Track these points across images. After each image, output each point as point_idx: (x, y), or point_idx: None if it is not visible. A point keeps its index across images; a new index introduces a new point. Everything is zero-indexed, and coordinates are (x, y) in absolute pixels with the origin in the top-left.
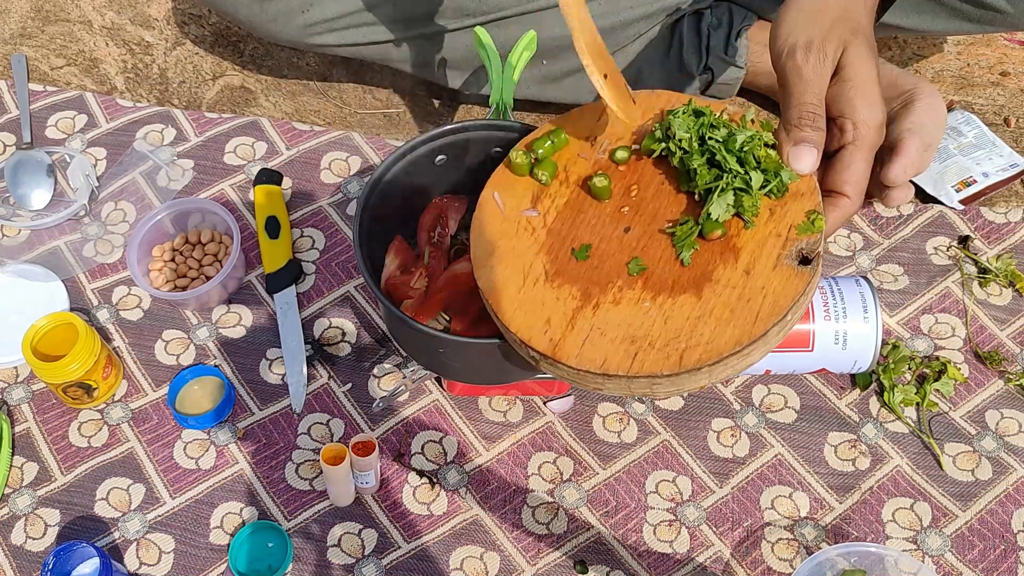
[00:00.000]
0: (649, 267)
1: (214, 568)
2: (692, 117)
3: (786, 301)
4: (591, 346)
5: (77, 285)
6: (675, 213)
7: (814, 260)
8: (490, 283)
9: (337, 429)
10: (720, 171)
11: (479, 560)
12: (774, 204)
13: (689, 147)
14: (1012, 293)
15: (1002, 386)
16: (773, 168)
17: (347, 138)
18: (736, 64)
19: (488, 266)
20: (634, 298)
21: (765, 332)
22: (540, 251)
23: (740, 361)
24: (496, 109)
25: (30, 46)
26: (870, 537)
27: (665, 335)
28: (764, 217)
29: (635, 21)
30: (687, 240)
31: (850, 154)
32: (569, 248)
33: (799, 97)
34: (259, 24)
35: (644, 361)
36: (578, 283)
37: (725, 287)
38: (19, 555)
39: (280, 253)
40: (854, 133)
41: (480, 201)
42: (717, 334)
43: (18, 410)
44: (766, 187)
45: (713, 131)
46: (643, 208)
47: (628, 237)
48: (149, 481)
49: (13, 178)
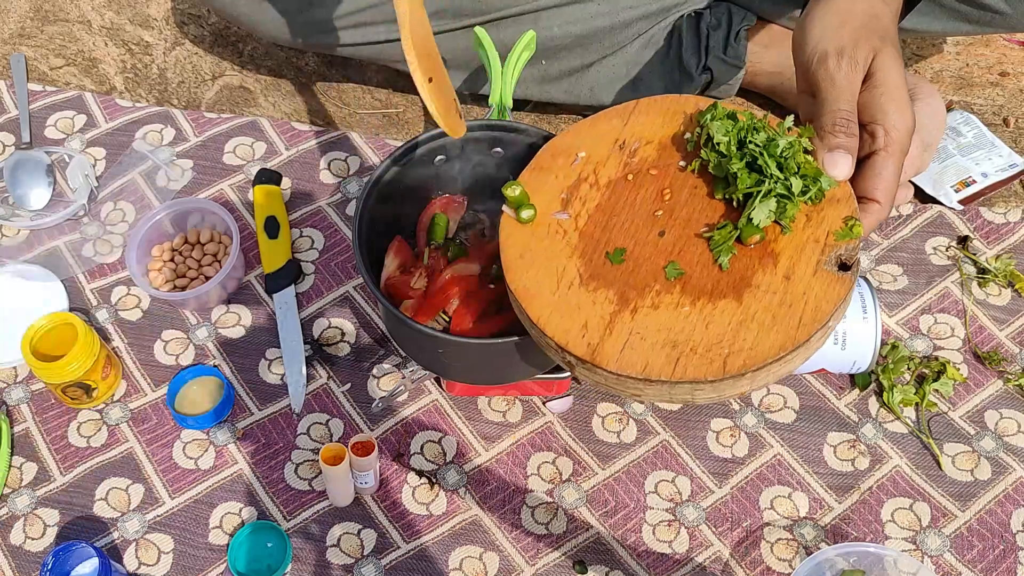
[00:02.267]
0: (687, 271)
1: (213, 568)
2: (728, 121)
3: (828, 306)
4: (631, 351)
5: (76, 285)
6: (710, 218)
7: (853, 266)
8: (523, 286)
9: (336, 429)
10: (760, 176)
11: (478, 560)
12: (810, 210)
13: (728, 151)
14: (1011, 293)
15: (1001, 386)
16: (812, 174)
17: (346, 138)
18: (735, 64)
19: (520, 269)
20: (673, 302)
21: (808, 338)
22: (573, 254)
23: (782, 367)
24: (496, 109)
25: (29, 46)
26: (869, 537)
27: (707, 340)
28: (801, 223)
29: (634, 21)
30: (725, 245)
31: (881, 160)
32: (603, 251)
33: (832, 104)
34: (258, 24)
35: (687, 366)
36: (614, 287)
37: (766, 292)
38: (18, 555)
39: (279, 253)
40: (885, 139)
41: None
42: (760, 339)
43: (17, 410)
44: (806, 193)
45: (753, 135)
46: (676, 212)
47: (663, 241)
48: (148, 481)
49: (12, 178)
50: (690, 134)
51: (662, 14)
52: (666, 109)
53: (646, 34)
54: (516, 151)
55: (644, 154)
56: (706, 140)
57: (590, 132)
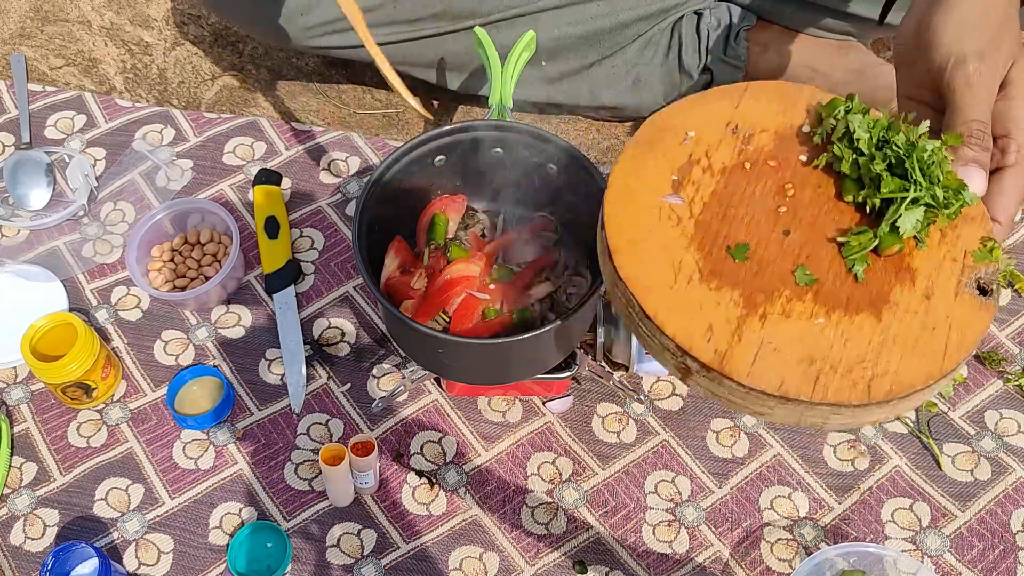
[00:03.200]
0: (819, 278)
1: (213, 568)
2: (869, 116)
3: (974, 334)
4: (764, 363)
5: (76, 285)
6: (839, 221)
7: (992, 291)
8: (635, 276)
9: (336, 429)
10: (904, 181)
11: (478, 560)
12: (944, 226)
13: (868, 149)
14: (1011, 293)
15: (1001, 386)
16: (955, 186)
17: (346, 138)
18: (735, 65)
19: (631, 255)
20: (805, 312)
21: (955, 367)
22: (690, 245)
23: (923, 396)
24: (495, 109)
25: (29, 46)
26: (869, 537)
27: (847, 359)
28: (936, 239)
29: (634, 22)
30: (861, 253)
31: (1010, 178)
32: (723, 246)
33: (968, 113)
34: (259, 27)
35: (828, 387)
36: (739, 287)
37: (906, 312)
38: (18, 555)
39: (279, 253)
40: (1017, 156)
41: (612, 178)
42: (904, 365)
43: (17, 410)
44: (949, 207)
45: (894, 134)
46: (801, 212)
47: (789, 241)
48: (148, 481)
49: (12, 178)
50: (811, 127)
51: (662, 15)
52: (781, 95)
53: (646, 35)
54: (516, 151)
55: (760, 142)
56: (842, 134)
57: (700, 110)
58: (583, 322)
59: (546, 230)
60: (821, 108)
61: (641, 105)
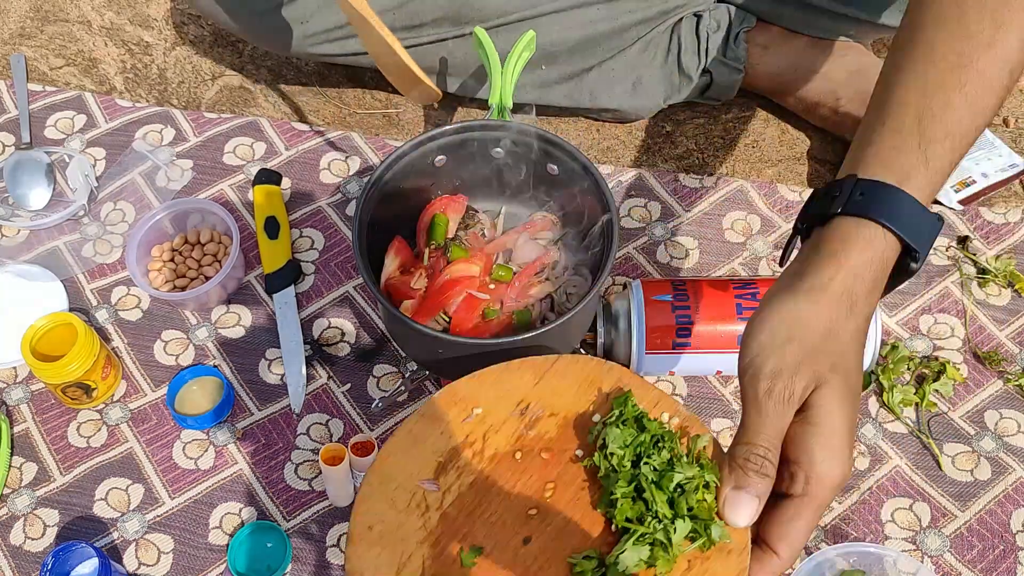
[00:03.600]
0: None
1: (213, 568)
2: (633, 426)
3: None
4: None
5: (76, 285)
6: (584, 536)
7: None
8: (359, 571)
9: (336, 429)
10: (645, 506)
11: None
12: (694, 555)
13: (619, 467)
14: (1011, 293)
15: (1001, 386)
16: (705, 518)
17: (346, 138)
18: (735, 67)
19: (364, 544)
20: None
21: None
22: (425, 540)
23: None
24: (495, 109)
25: (29, 46)
26: (869, 537)
27: None
28: (681, 567)
29: (634, 25)
30: None
31: (795, 509)
32: (459, 546)
33: (752, 436)
34: (258, 36)
35: None
36: None
37: None
38: (18, 555)
39: (279, 253)
40: (805, 487)
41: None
42: None
43: (17, 410)
44: (695, 541)
45: (655, 453)
46: (552, 517)
47: (526, 551)
48: (148, 481)
49: (12, 178)
50: (601, 417)
51: (661, 17)
52: (585, 376)
53: (645, 37)
54: (516, 151)
55: (543, 429)
56: (601, 444)
57: (496, 385)
58: (583, 322)
59: (546, 230)
60: (614, 400)
61: (642, 108)
